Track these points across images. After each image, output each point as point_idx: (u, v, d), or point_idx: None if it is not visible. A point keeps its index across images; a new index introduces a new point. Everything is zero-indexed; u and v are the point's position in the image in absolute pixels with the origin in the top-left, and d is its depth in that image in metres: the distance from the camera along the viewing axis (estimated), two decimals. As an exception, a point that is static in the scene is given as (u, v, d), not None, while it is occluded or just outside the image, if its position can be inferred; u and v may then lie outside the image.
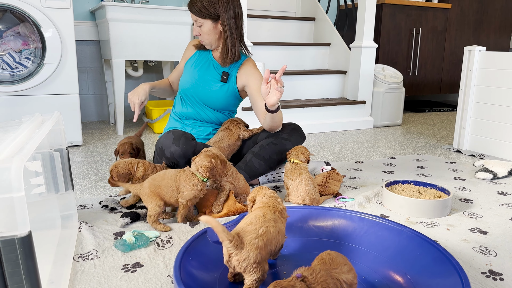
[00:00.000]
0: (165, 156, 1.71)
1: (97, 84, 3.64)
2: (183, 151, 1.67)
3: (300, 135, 1.91)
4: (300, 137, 1.91)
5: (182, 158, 1.68)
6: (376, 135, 3.24)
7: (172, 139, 1.69)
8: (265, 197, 1.18)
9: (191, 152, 1.68)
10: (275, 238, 1.07)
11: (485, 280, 1.16)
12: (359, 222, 1.35)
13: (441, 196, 1.67)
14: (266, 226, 1.05)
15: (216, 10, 1.79)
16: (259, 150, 1.84)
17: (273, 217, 1.09)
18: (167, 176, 1.46)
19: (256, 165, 1.83)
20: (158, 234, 1.40)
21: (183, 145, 1.67)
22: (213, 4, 1.78)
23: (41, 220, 1.26)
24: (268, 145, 1.84)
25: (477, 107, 2.63)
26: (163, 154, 1.71)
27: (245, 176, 1.81)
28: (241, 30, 1.88)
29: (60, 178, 1.37)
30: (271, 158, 1.84)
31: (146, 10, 3.00)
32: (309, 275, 0.90)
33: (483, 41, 4.71)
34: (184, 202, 1.45)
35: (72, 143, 2.70)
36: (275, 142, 1.85)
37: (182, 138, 1.69)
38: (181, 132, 1.73)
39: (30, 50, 2.61)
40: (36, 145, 0.96)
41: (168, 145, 1.69)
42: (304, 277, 0.90)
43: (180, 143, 1.67)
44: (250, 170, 1.82)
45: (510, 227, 1.53)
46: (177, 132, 1.71)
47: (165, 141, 1.70)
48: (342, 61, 3.71)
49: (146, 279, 1.14)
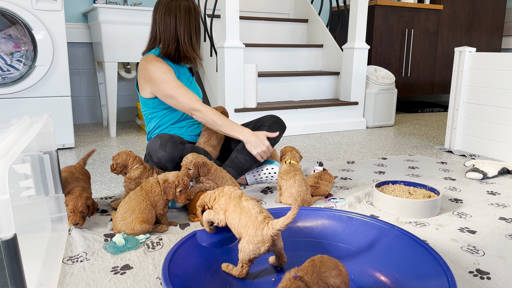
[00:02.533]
0: (153, 161, 1.70)
1: (90, 86, 3.64)
2: (170, 156, 1.66)
3: (281, 126, 1.96)
4: (281, 128, 1.96)
5: (170, 162, 1.68)
6: (369, 135, 3.26)
7: (159, 144, 1.67)
8: (217, 199, 1.26)
9: (179, 156, 1.67)
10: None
11: (473, 279, 1.17)
12: (348, 222, 1.36)
13: (431, 196, 1.68)
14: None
15: None
16: (242, 146, 1.87)
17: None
18: (138, 201, 1.43)
19: (242, 161, 1.86)
20: (148, 236, 1.40)
21: (169, 150, 1.67)
22: None
23: (30, 223, 1.25)
24: None
25: (468, 108, 2.64)
26: (151, 159, 1.71)
27: (233, 173, 1.83)
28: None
29: (50, 180, 1.37)
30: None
31: (138, 12, 3.00)
32: (304, 275, 0.91)
33: (475, 42, 4.74)
34: (162, 213, 1.47)
35: (64, 146, 2.69)
36: None
37: (169, 143, 1.68)
38: (168, 136, 1.71)
39: (22, 53, 2.61)
40: (23, 147, 0.96)
41: (155, 150, 1.68)
42: (300, 277, 0.90)
43: (167, 148, 1.67)
44: (236, 166, 1.85)
45: (499, 226, 1.54)
46: (164, 137, 1.70)
47: (152, 146, 1.69)
48: (334, 63, 3.73)
49: (135, 281, 1.14)
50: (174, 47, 1.84)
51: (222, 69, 2.95)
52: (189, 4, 1.85)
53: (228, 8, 2.83)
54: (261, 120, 1.99)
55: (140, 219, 1.39)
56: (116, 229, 1.40)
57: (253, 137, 1.82)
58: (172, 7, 1.82)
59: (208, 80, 3.41)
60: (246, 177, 1.96)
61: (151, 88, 1.82)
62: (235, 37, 2.90)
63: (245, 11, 4.14)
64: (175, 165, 1.69)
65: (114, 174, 2.15)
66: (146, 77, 1.81)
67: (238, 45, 2.91)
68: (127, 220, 1.38)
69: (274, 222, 1.08)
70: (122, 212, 1.40)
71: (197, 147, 1.78)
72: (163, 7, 1.83)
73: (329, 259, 0.99)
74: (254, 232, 1.09)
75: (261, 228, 1.09)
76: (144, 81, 1.83)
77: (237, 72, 2.95)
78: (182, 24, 1.82)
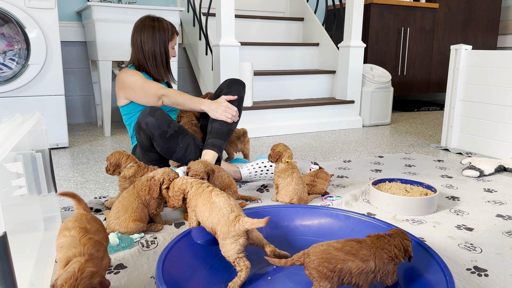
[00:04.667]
0: (141, 129, 1.76)
1: (84, 85, 3.61)
2: (157, 122, 1.73)
3: (239, 83, 2.00)
4: (239, 84, 2.00)
5: (157, 129, 1.74)
6: (365, 134, 3.25)
7: (148, 112, 1.75)
8: (195, 187, 1.28)
9: (166, 125, 1.75)
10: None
11: (470, 276, 1.16)
12: (345, 220, 1.35)
13: (428, 193, 1.67)
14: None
15: None
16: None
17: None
18: (130, 200, 1.41)
19: (217, 126, 1.90)
20: (142, 235, 1.38)
21: (158, 117, 1.73)
22: None
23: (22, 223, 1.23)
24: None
25: (464, 106, 2.64)
26: (140, 128, 1.77)
27: (218, 142, 1.87)
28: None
29: (43, 179, 1.35)
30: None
31: (132, 10, 2.98)
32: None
33: (471, 41, 4.75)
34: (155, 212, 1.45)
35: (58, 145, 2.67)
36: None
37: (158, 111, 1.75)
38: (158, 108, 1.78)
39: (15, 51, 2.58)
40: (13, 145, 0.94)
41: (143, 116, 1.75)
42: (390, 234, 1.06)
43: (156, 114, 1.74)
44: (216, 133, 1.89)
45: (496, 223, 1.53)
46: (154, 107, 1.77)
47: (142, 114, 1.76)
48: (330, 61, 3.72)
49: (129, 280, 1.13)
50: (143, 64, 2.01)
51: (218, 68, 2.93)
52: (154, 24, 2.00)
53: (223, 6, 2.81)
54: (219, 88, 2.05)
55: (133, 217, 1.37)
56: (110, 228, 1.38)
57: (213, 104, 1.91)
58: (139, 26, 2.00)
59: (203, 78, 3.40)
60: (241, 171, 1.95)
61: (124, 94, 1.98)
62: (231, 35, 2.88)
63: (241, 9, 4.12)
64: (161, 133, 1.74)
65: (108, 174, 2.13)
66: (119, 85, 1.98)
67: (233, 43, 2.89)
68: (121, 219, 1.37)
69: (244, 220, 1.09)
70: (115, 211, 1.38)
71: (184, 127, 1.84)
72: (137, 23, 2.02)
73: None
74: (227, 229, 1.10)
75: (233, 225, 1.10)
76: (118, 89, 2.00)
77: (232, 70, 2.94)
78: (146, 43, 1.99)
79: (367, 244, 1.01)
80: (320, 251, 0.97)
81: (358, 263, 0.97)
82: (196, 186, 1.28)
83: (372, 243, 1.02)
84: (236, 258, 1.09)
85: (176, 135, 1.78)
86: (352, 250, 0.98)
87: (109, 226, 1.39)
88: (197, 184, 1.28)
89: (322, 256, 0.96)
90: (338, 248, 0.98)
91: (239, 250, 1.09)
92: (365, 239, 1.03)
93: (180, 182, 1.31)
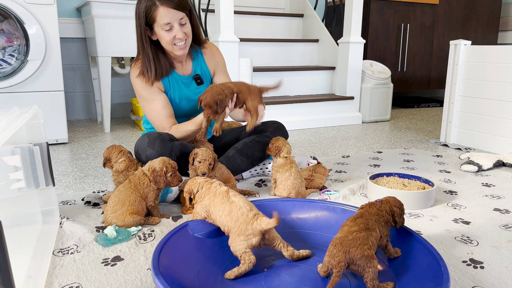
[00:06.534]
0: (141, 160, 1.65)
1: (84, 82, 3.61)
2: (158, 154, 1.59)
3: (283, 133, 1.89)
4: (284, 135, 1.89)
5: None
6: (364, 130, 3.25)
7: (147, 143, 1.61)
8: (205, 187, 1.29)
9: (168, 154, 1.61)
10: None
11: (466, 268, 1.16)
12: (342, 213, 1.35)
13: (425, 187, 1.67)
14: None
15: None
16: (242, 146, 1.83)
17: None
18: (127, 193, 1.41)
19: (238, 162, 1.81)
20: (140, 228, 1.39)
21: (158, 148, 1.60)
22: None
23: (20, 216, 1.24)
24: (251, 142, 1.84)
25: (464, 101, 2.64)
26: (139, 158, 1.66)
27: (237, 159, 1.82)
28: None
29: (40, 173, 1.35)
30: (253, 156, 1.83)
31: (132, 6, 2.97)
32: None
33: (471, 37, 4.73)
34: (153, 204, 1.46)
35: (57, 141, 2.68)
36: (258, 140, 1.84)
37: (157, 141, 1.61)
38: (156, 134, 1.65)
39: (14, 47, 2.58)
40: (8, 137, 0.94)
41: (143, 149, 1.62)
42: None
43: (155, 146, 1.60)
44: (232, 165, 1.80)
45: (493, 217, 1.53)
46: (152, 135, 1.64)
47: (140, 145, 1.64)
48: (330, 57, 3.71)
49: (126, 272, 1.13)
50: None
51: (217, 64, 2.93)
52: (137, 8, 1.80)
53: (222, 2, 2.81)
54: (263, 125, 1.89)
55: (131, 210, 1.38)
56: (107, 222, 1.39)
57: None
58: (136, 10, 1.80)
59: (203, 75, 3.40)
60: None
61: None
62: (230, 31, 2.88)
63: (241, 6, 4.12)
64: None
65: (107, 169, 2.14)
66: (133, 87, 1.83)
67: (232, 39, 2.89)
68: (118, 213, 1.37)
69: (262, 220, 1.11)
70: (112, 205, 1.39)
71: (185, 144, 1.72)
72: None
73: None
74: (245, 226, 1.11)
75: (251, 223, 1.11)
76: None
77: (232, 66, 2.93)
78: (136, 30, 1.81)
79: (365, 216, 1.09)
80: (350, 240, 1.01)
81: (372, 233, 1.06)
82: (207, 186, 1.30)
83: (367, 212, 1.11)
84: (244, 252, 1.10)
85: (181, 156, 1.65)
86: (364, 226, 1.05)
87: (106, 219, 1.39)
88: (207, 184, 1.30)
89: (357, 244, 1.00)
90: (357, 230, 1.04)
91: (248, 247, 1.11)
92: (361, 212, 1.11)
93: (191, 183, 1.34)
